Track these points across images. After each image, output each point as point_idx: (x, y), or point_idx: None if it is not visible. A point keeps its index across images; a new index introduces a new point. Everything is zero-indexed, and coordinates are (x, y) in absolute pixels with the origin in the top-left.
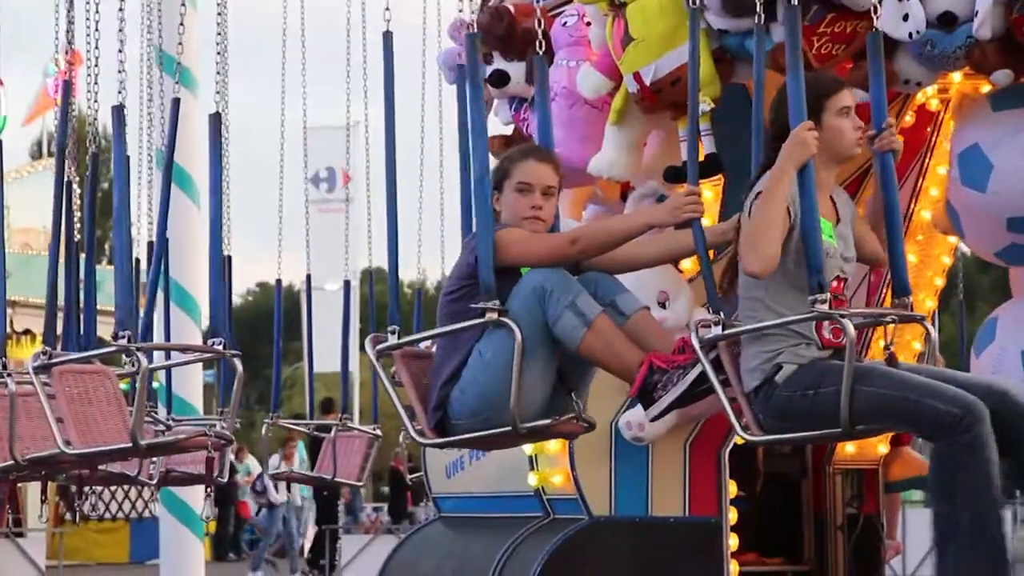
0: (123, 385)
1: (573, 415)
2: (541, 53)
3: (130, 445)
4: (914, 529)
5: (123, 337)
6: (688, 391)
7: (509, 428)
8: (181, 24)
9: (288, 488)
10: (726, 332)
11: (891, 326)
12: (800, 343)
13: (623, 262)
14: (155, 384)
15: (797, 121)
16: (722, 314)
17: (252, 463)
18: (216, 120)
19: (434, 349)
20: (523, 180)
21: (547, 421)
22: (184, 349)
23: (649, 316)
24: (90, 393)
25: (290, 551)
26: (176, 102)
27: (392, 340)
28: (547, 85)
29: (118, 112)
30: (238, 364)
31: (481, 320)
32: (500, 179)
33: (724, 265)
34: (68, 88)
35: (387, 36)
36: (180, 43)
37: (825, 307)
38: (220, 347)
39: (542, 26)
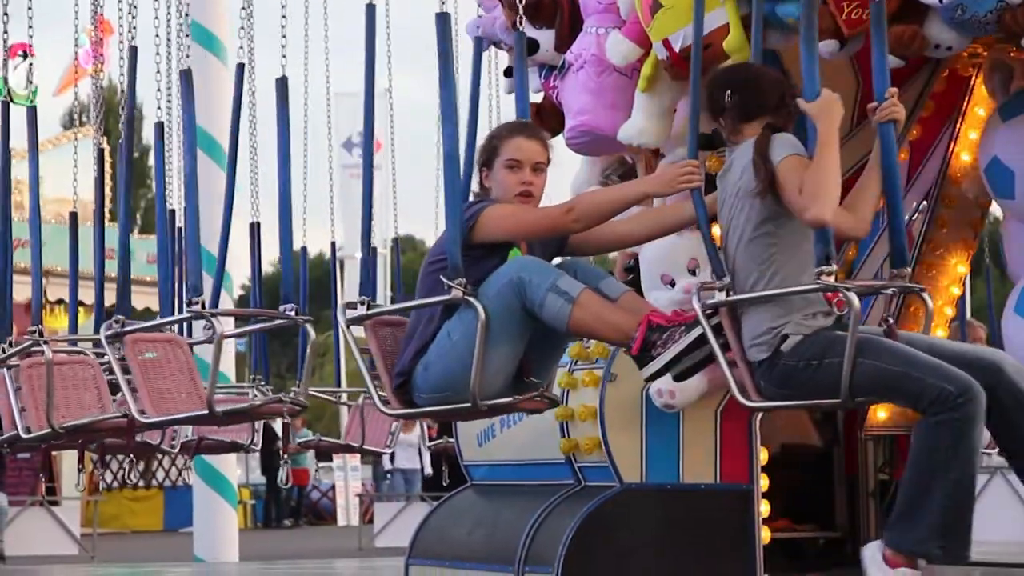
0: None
1: (536, 393)
2: (522, 28)
3: (206, 412)
4: None
5: (197, 303)
6: (686, 351)
7: (470, 404)
8: None
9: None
10: (730, 298)
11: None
12: (808, 313)
13: (613, 240)
14: None
15: (813, 91)
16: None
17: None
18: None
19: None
20: (512, 157)
21: (508, 399)
22: (257, 315)
23: (636, 295)
24: (162, 362)
25: None
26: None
27: (361, 311)
28: (524, 60)
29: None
30: (311, 330)
31: (447, 297)
32: (489, 157)
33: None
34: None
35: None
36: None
37: (831, 279)
38: (292, 313)
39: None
